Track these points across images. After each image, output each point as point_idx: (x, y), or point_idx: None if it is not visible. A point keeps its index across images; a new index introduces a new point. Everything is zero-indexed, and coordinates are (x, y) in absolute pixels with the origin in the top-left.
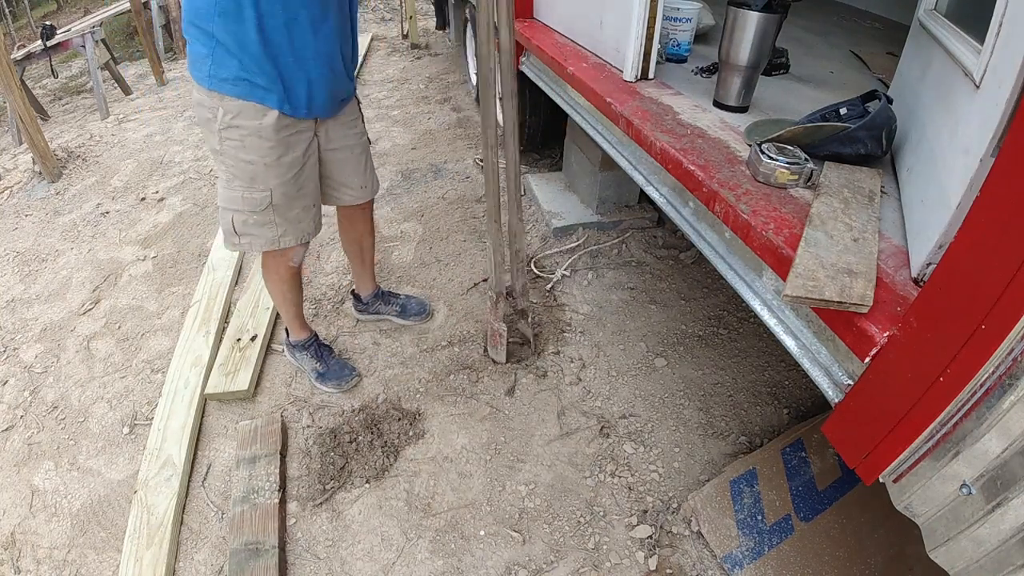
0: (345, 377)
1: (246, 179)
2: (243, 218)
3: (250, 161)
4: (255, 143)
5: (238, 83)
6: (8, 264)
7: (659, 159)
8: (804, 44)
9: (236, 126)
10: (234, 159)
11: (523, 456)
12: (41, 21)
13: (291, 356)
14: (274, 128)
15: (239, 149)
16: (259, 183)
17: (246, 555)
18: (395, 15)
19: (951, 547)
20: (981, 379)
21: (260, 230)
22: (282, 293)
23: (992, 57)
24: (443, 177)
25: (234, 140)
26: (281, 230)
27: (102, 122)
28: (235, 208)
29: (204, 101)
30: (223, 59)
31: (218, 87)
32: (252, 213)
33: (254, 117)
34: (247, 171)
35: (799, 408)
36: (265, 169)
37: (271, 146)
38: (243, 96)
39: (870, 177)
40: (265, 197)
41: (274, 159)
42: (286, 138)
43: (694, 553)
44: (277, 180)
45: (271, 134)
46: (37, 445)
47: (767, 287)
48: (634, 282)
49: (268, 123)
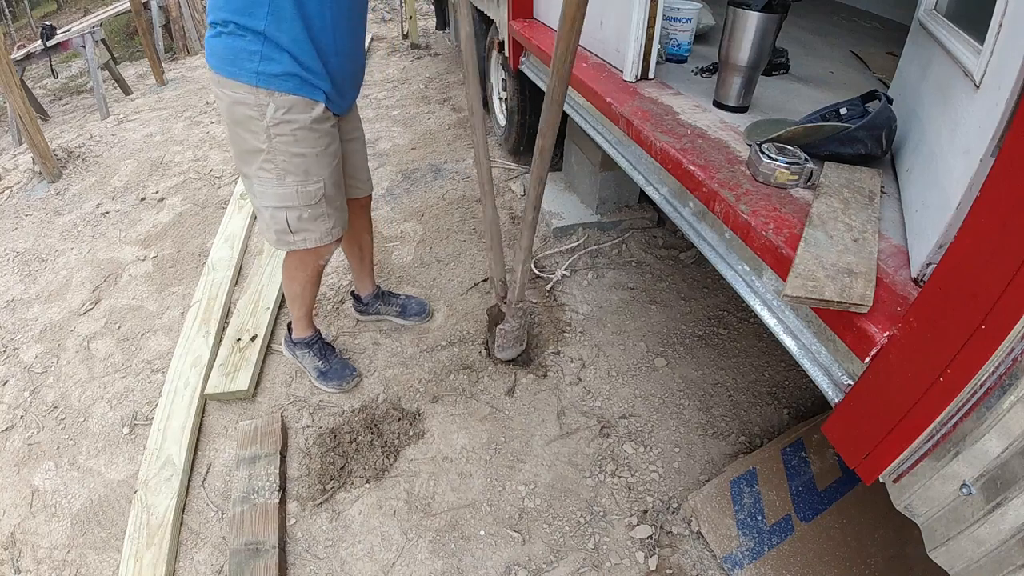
0: (347, 377)
1: (300, 173)
2: (297, 214)
3: (303, 154)
4: (306, 135)
5: (290, 79)
6: (8, 264)
7: (659, 159)
8: (804, 44)
9: (288, 121)
10: (286, 154)
11: (523, 456)
12: (41, 21)
13: (291, 354)
14: (321, 120)
15: (291, 143)
16: (313, 175)
17: (246, 555)
18: (395, 15)
19: (951, 547)
20: (981, 379)
21: (315, 224)
22: (303, 289)
23: (992, 57)
24: (443, 177)
25: (285, 136)
26: (332, 221)
27: (102, 122)
28: (289, 205)
29: (246, 99)
30: (272, 55)
31: (268, 83)
32: (306, 207)
33: (304, 111)
34: (300, 164)
35: (799, 408)
36: (317, 160)
37: (319, 137)
38: (295, 91)
39: (870, 177)
40: (319, 189)
41: (323, 148)
42: (329, 128)
43: (694, 553)
44: (328, 170)
45: (319, 125)
46: (37, 445)
47: (767, 287)
48: (634, 282)
49: (316, 115)
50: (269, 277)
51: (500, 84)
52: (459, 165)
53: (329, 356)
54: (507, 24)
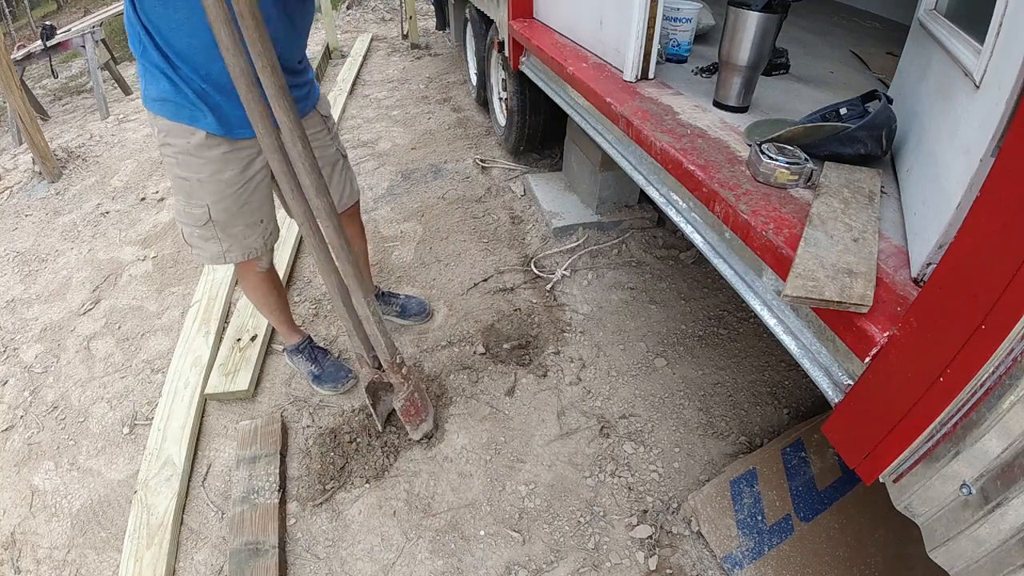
0: (341, 379)
1: (183, 193)
2: (188, 230)
3: (185, 177)
4: (187, 160)
5: (164, 103)
6: (8, 264)
7: (659, 159)
8: (804, 44)
9: (168, 143)
10: (172, 174)
11: (523, 456)
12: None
13: (289, 360)
14: (205, 147)
15: (174, 165)
16: (195, 198)
17: (246, 555)
18: (395, 15)
19: (951, 547)
20: (981, 379)
21: (205, 244)
22: (261, 300)
23: (992, 57)
24: (443, 177)
25: (169, 157)
26: (225, 245)
27: (102, 122)
28: (181, 220)
29: (149, 120)
30: (151, 80)
31: (150, 107)
32: (194, 227)
33: (183, 136)
34: (183, 186)
35: (799, 408)
36: (200, 185)
37: (202, 163)
38: (170, 116)
39: (870, 177)
40: (203, 213)
41: (207, 176)
42: (221, 155)
43: (694, 553)
44: (213, 197)
45: (202, 152)
46: (37, 445)
47: (767, 287)
48: (634, 282)
49: (196, 142)
50: None
51: (500, 84)
52: (459, 165)
53: (321, 359)
54: (507, 24)
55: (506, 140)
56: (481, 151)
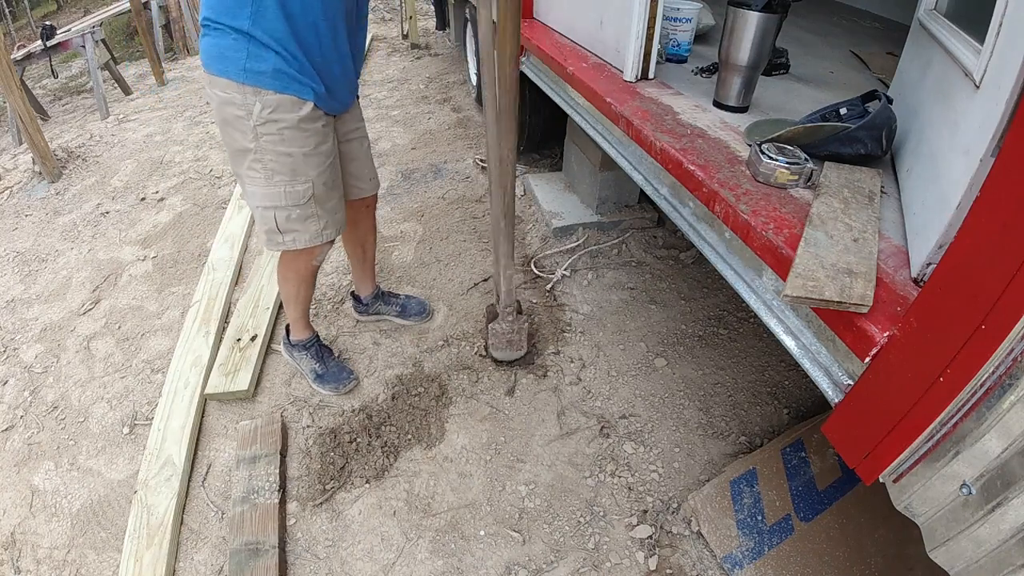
0: (343, 380)
1: (287, 172)
2: (286, 214)
3: (290, 153)
4: (294, 135)
5: (278, 76)
6: (8, 264)
7: (659, 159)
8: (804, 44)
9: (275, 120)
10: (273, 153)
11: (523, 456)
12: (41, 21)
13: (289, 355)
14: (310, 119)
15: (278, 143)
16: (300, 175)
17: (246, 555)
18: (395, 15)
19: (951, 547)
20: (981, 379)
21: (304, 224)
22: (297, 290)
23: (992, 57)
24: (443, 177)
25: (272, 135)
26: (323, 222)
27: (102, 122)
28: (277, 205)
29: (235, 98)
30: (259, 53)
31: (255, 81)
32: (295, 207)
33: (291, 109)
34: (287, 164)
35: (799, 408)
36: (304, 160)
37: (308, 136)
38: (282, 89)
39: (870, 177)
40: (307, 189)
41: (312, 148)
42: (320, 128)
43: (694, 553)
44: (317, 170)
45: (308, 124)
46: (37, 445)
47: (767, 287)
48: (634, 282)
49: (305, 113)
50: (269, 277)
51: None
52: (459, 165)
53: (326, 359)
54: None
55: None
56: (481, 151)
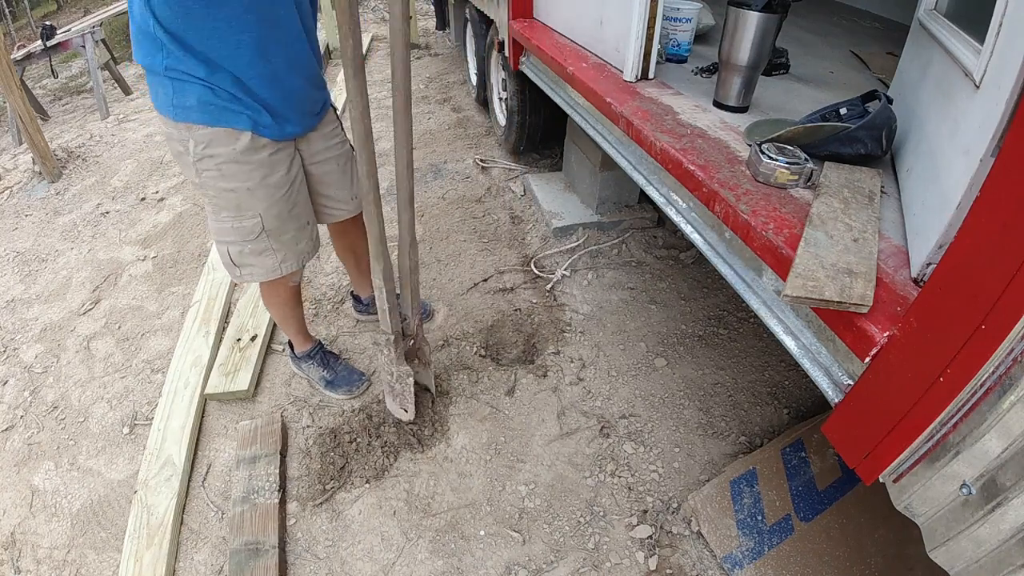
0: (355, 383)
1: (232, 208)
2: (238, 248)
3: (232, 189)
4: (234, 169)
5: (205, 109)
6: (8, 264)
7: (659, 159)
8: (804, 44)
9: (210, 155)
10: (215, 190)
11: (523, 456)
12: (41, 21)
13: (297, 368)
14: (251, 150)
15: (218, 179)
16: (247, 210)
17: (246, 555)
18: None
19: (951, 547)
20: (981, 379)
21: (258, 259)
22: (284, 313)
23: (992, 57)
24: (443, 177)
25: (211, 170)
26: (280, 256)
27: (102, 122)
28: (228, 240)
29: (172, 134)
30: (183, 87)
31: (183, 116)
32: (246, 243)
33: (227, 143)
34: (231, 199)
35: (799, 408)
36: (249, 194)
37: (251, 169)
38: (212, 122)
39: (870, 177)
40: (256, 224)
41: (257, 182)
42: (267, 158)
43: (694, 553)
44: (265, 204)
45: (249, 156)
46: (37, 445)
47: (767, 287)
48: (634, 282)
49: (243, 146)
50: None
51: (500, 84)
52: (459, 165)
53: (334, 364)
54: (507, 24)
55: (506, 140)
56: (481, 151)
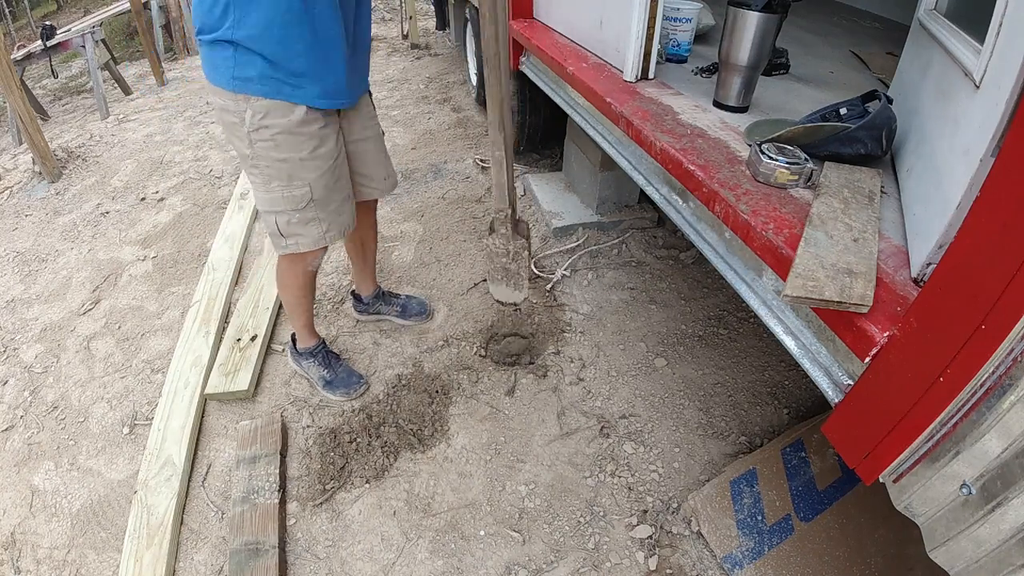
0: (354, 385)
1: (283, 178)
2: (287, 218)
3: (285, 159)
4: (287, 140)
5: (265, 82)
6: (8, 264)
7: (659, 159)
8: (804, 44)
9: (266, 126)
10: (268, 160)
11: (523, 456)
12: (41, 21)
13: (297, 365)
14: (304, 122)
15: (272, 148)
16: (297, 179)
17: (246, 555)
18: (395, 15)
19: (951, 547)
20: (981, 379)
21: (305, 228)
22: (297, 299)
23: (992, 57)
24: (443, 177)
25: (266, 140)
26: (325, 226)
27: (102, 122)
28: (277, 209)
29: (228, 106)
30: (245, 60)
31: (243, 88)
32: (295, 212)
33: (283, 115)
34: (283, 169)
35: (799, 408)
36: (301, 164)
37: (304, 140)
38: (270, 95)
39: (870, 177)
40: (305, 194)
41: (308, 153)
42: (317, 131)
43: (694, 553)
44: (315, 174)
45: (302, 128)
46: (37, 445)
47: (767, 287)
48: (634, 282)
49: (297, 118)
50: (269, 277)
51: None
52: (459, 165)
53: (335, 365)
54: (507, 24)
55: None
56: (481, 151)
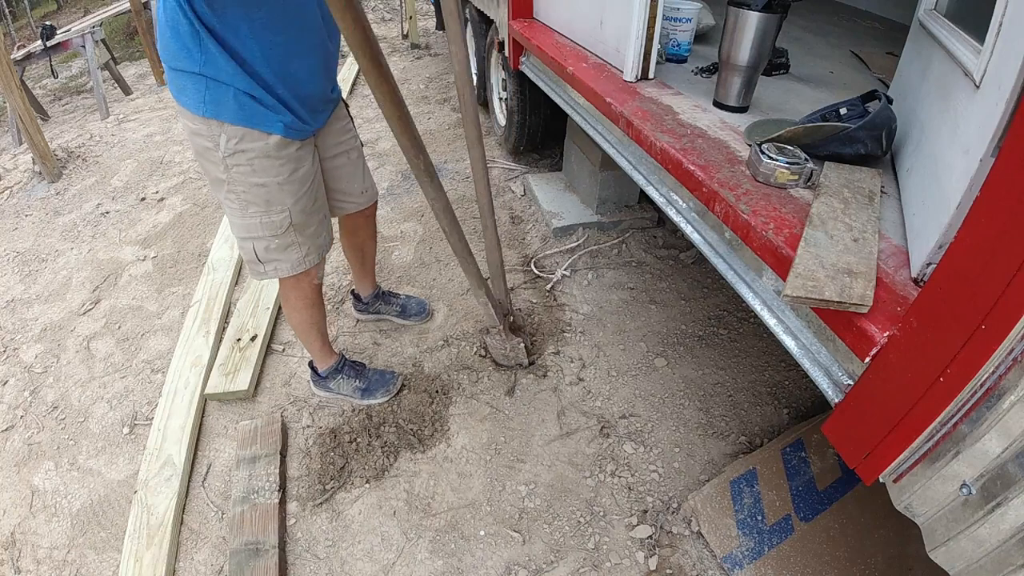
0: (389, 382)
1: (262, 203)
2: (265, 244)
3: (263, 184)
4: (265, 164)
5: (239, 109)
6: (8, 264)
7: (659, 159)
8: (804, 44)
9: (242, 150)
10: (245, 185)
11: (523, 456)
12: (41, 21)
13: (324, 390)
14: (282, 145)
15: (250, 174)
16: (276, 204)
17: (246, 555)
18: (395, 15)
19: (951, 547)
20: (981, 379)
21: (284, 253)
22: (309, 319)
23: (992, 57)
24: (443, 177)
25: (243, 166)
26: (304, 249)
27: (102, 122)
28: (255, 236)
29: (200, 130)
30: (217, 88)
31: (215, 113)
32: (274, 238)
33: (259, 138)
34: (261, 194)
35: (799, 408)
36: (280, 189)
37: (282, 164)
38: (244, 123)
39: (870, 177)
40: (284, 219)
41: (286, 177)
42: (294, 153)
43: (694, 553)
44: (293, 198)
45: (280, 152)
46: (37, 445)
47: (767, 287)
48: (634, 282)
49: (274, 142)
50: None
51: (500, 84)
52: (459, 165)
53: (363, 371)
54: (507, 24)
55: (506, 140)
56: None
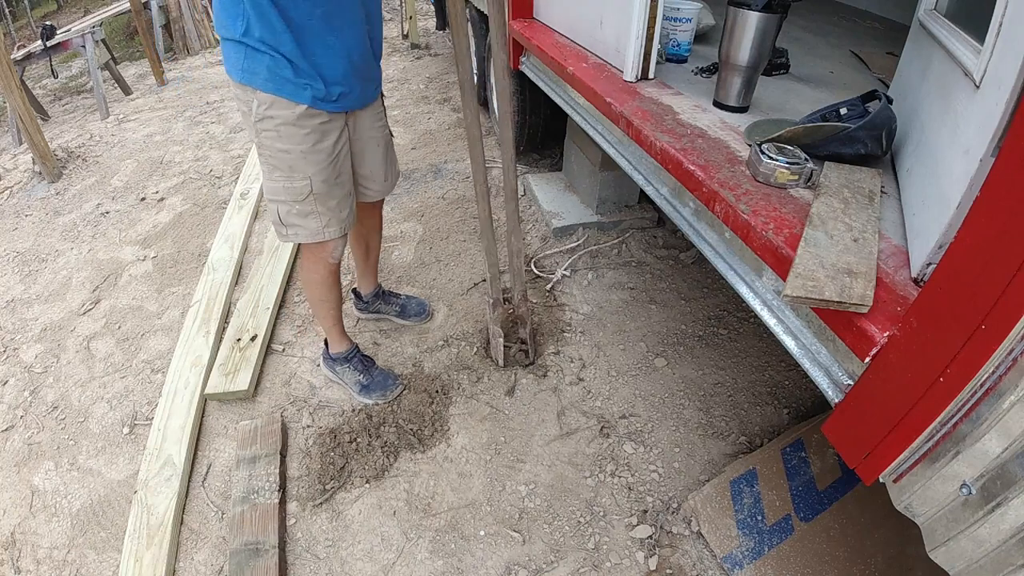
0: (390, 386)
1: (285, 169)
2: (287, 208)
3: (287, 150)
4: (290, 131)
5: (271, 78)
6: (8, 264)
7: (659, 159)
8: (804, 44)
9: (270, 116)
10: (271, 149)
11: (523, 456)
12: (41, 21)
13: (331, 371)
14: (306, 116)
15: (275, 139)
16: (298, 172)
17: (246, 555)
18: (395, 15)
19: (951, 547)
20: (981, 379)
21: (304, 220)
22: (322, 295)
23: (992, 57)
24: (443, 177)
25: (269, 131)
26: (324, 220)
27: (102, 122)
28: (279, 199)
29: (240, 95)
30: (254, 56)
31: (250, 80)
32: (295, 203)
33: (287, 107)
34: (285, 160)
35: (799, 408)
36: (302, 157)
37: (305, 134)
38: (274, 91)
39: (870, 177)
40: (305, 186)
41: (309, 147)
42: (318, 125)
43: (694, 553)
44: (315, 168)
45: (304, 122)
46: (37, 445)
47: (767, 287)
48: (634, 282)
49: (300, 111)
50: (269, 277)
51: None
52: (459, 165)
53: (371, 368)
54: (507, 24)
55: None
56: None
